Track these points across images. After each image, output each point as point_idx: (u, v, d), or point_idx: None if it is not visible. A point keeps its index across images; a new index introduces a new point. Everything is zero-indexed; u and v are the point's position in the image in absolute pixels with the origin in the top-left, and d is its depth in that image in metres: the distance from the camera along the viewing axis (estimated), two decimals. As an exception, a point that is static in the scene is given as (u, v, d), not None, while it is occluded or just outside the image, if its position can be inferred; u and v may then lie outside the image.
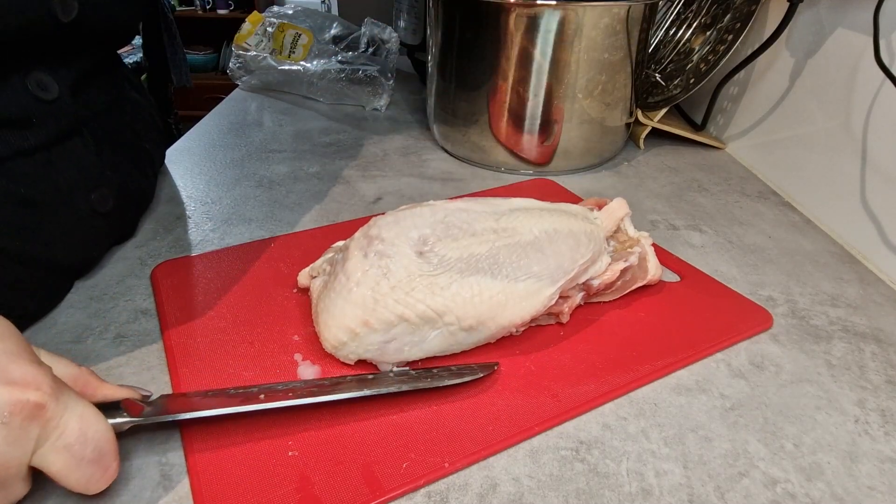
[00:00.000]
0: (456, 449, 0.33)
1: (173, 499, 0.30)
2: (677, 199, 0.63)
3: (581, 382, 0.37)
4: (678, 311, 0.44)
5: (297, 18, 0.92)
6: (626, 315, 0.44)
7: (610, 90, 0.64)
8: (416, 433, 0.33)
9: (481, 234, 0.39)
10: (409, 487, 0.31)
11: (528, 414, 0.35)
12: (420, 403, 0.35)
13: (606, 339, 0.41)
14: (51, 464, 0.25)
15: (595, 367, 0.38)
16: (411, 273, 0.36)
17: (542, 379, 0.37)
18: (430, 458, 0.32)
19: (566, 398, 0.36)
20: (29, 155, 0.40)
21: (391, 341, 0.36)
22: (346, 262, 0.37)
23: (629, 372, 0.38)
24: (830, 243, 0.55)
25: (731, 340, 0.42)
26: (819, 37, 0.61)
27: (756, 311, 0.44)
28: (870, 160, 0.53)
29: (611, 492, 0.31)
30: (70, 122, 0.43)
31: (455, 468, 0.32)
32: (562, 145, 0.66)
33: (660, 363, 0.39)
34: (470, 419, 0.34)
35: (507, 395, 0.36)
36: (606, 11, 0.59)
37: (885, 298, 0.48)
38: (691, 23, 0.78)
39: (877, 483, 0.32)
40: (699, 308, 0.44)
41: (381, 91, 0.86)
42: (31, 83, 0.40)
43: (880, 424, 0.36)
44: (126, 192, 0.50)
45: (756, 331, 0.43)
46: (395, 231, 0.38)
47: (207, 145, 0.73)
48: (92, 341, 0.40)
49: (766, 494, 0.31)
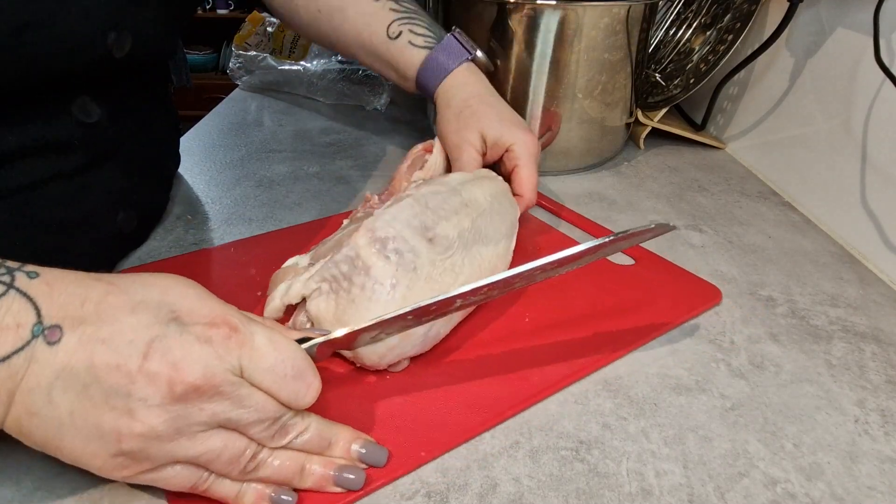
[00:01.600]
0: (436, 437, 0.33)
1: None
2: (677, 199, 0.63)
3: (549, 364, 0.39)
4: (629, 291, 0.46)
5: (297, 18, 0.92)
6: (586, 298, 0.45)
7: (610, 90, 0.64)
8: (396, 424, 0.34)
9: (459, 210, 0.41)
10: (394, 476, 0.31)
11: (502, 398, 0.36)
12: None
13: (569, 321, 0.43)
14: (260, 383, 0.27)
15: (561, 349, 0.40)
16: (433, 261, 0.37)
17: (509, 364, 0.39)
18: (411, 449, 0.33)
19: (537, 381, 0.37)
20: (68, 178, 0.40)
21: (431, 328, 0.37)
22: (371, 269, 0.36)
23: (595, 353, 0.40)
24: (830, 243, 0.55)
25: (680, 319, 0.44)
26: (819, 37, 0.61)
27: (706, 288, 0.47)
28: (870, 160, 0.53)
29: (611, 492, 0.31)
30: (107, 146, 0.43)
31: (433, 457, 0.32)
32: (562, 145, 0.66)
33: (611, 346, 0.41)
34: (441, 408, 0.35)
35: (482, 383, 0.37)
36: (606, 11, 0.59)
37: (885, 298, 0.48)
38: (691, 23, 0.78)
39: (877, 483, 0.32)
40: (651, 287, 0.47)
41: (381, 91, 0.86)
42: (75, 108, 0.40)
43: (880, 424, 0.36)
44: (148, 211, 0.50)
45: (705, 307, 0.45)
46: (398, 227, 0.38)
47: (207, 145, 0.73)
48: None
49: (766, 494, 0.31)
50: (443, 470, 0.32)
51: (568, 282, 0.46)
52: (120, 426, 0.25)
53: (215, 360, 0.26)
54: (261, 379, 0.27)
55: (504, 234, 0.44)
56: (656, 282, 0.47)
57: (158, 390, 0.25)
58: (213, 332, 0.27)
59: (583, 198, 0.62)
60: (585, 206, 0.61)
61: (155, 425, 0.25)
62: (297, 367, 0.28)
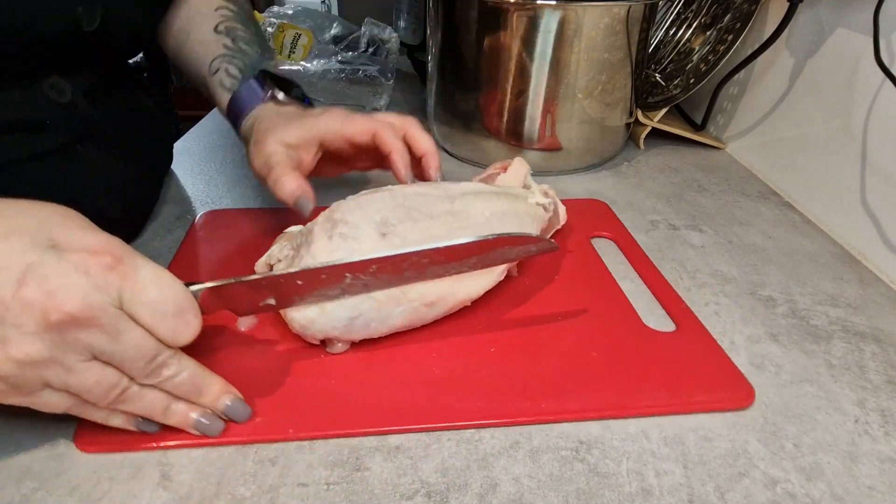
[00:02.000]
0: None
1: (173, 498, 0.30)
2: (677, 199, 0.63)
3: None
4: (653, 356, 0.40)
5: (297, 18, 0.92)
6: (611, 354, 0.40)
7: (610, 90, 0.64)
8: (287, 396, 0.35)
9: (439, 216, 0.41)
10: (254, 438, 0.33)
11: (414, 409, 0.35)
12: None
13: (568, 360, 0.39)
14: (139, 317, 0.28)
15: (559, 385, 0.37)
16: (377, 252, 0.37)
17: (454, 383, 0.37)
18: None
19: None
20: (42, 159, 0.40)
21: (358, 317, 0.37)
22: (311, 244, 0.38)
23: (586, 403, 0.36)
24: (830, 243, 0.55)
25: (698, 408, 0.36)
26: (819, 37, 0.61)
27: (739, 383, 0.38)
28: (870, 160, 0.53)
29: (611, 492, 0.31)
30: (83, 127, 0.43)
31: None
32: (562, 145, 0.66)
33: (614, 403, 0.36)
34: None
35: (409, 391, 0.37)
36: (606, 11, 0.59)
37: (885, 298, 0.48)
38: (691, 23, 0.78)
39: (877, 483, 0.32)
40: (677, 360, 0.39)
41: (381, 91, 0.86)
42: (45, 86, 0.40)
43: (880, 424, 0.36)
44: (135, 198, 0.50)
45: (728, 406, 0.36)
46: (358, 215, 0.39)
47: (207, 145, 0.73)
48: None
49: (766, 494, 0.31)
50: (443, 470, 0.32)
51: (597, 338, 0.41)
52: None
53: (93, 290, 0.26)
54: (140, 313, 0.27)
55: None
56: (685, 355, 0.40)
57: (33, 318, 0.25)
58: (94, 262, 0.26)
59: (583, 198, 0.62)
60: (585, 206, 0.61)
61: (29, 352, 0.25)
62: (178, 304, 0.29)
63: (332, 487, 0.31)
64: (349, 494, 0.31)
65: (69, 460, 0.32)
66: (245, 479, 0.31)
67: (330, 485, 0.31)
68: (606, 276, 0.48)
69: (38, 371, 0.26)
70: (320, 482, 0.31)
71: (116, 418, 0.30)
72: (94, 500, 0.30)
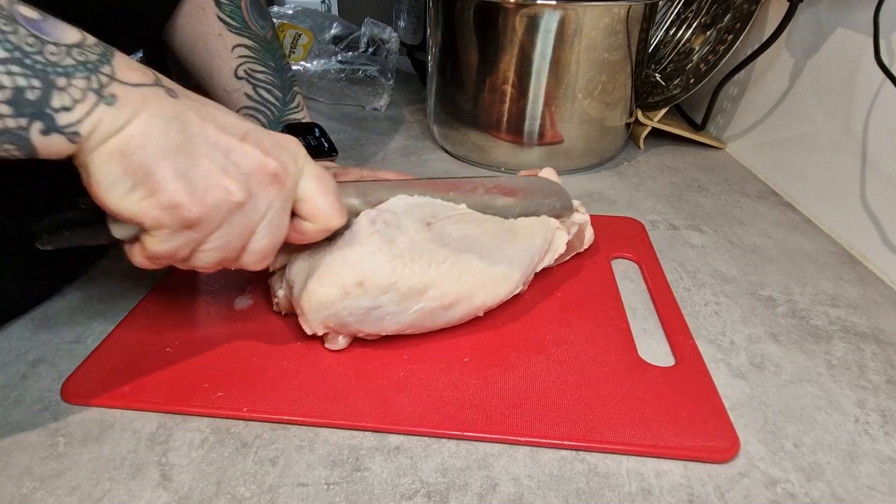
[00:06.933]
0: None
1: (173, 498, 0.30)
2: (677, 199, 0.63)
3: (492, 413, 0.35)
4: (645, 392, 0.37)
5: (297, 18, 0.92)
6: (601, 388, 0.37)
7: (610, 90, 0.64)
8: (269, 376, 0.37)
9: (475, 217, 0.42)
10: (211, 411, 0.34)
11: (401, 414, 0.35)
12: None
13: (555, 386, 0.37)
14: (304, 189, 0.33)
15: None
16: (416, 243, 0.38)
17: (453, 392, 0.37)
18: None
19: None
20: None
21: (376, 308, 0.37)
22: (353, 225, 0.37)
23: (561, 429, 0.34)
24: (830, 243, 0.55)
25: (670, 454, 0.33)
26: (819, 37, 0.61)
27: (727, 433, 0.34)
28: (870, 160, 0.53)
29: (611, 492, 0.31)
30: None
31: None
32: (562, 145, 0.66)
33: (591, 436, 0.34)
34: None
35: (403, 394, 0.37)
36: (606, 11, 0.59)
37: (885, 298, 0.48)
38: (691, 23, 0.78)
39: (877, 483, 0.32)
40: (666, 399, 0.36)
41: (381, 91, 0.86)
42: None
43: (880, 424, 0.36)
44: None
45: (705, 457, 0.33)
46: (404, 206, 0.39)
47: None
48: (91, 341, 0.40)
49: (766, 494, 0.31)
50: (443, 470, 0.32)
51: (582, 364, 0.39)
52: (210, 180, 0.29)
53: (291, 160, 0.32)
54: (308, 184, 0.33)
55: (509, 260, 0.41)
56: (672, 392, 0.37)
57: (249, 163, 0.30)
58: (293, 144, 0.33)
59: (583, 198, 0.62)
60: (586, 206, 0.61)
61: (233, 190, 0.29)
62: (335, 190, 0.34)
63: (332, 487, 0.31)
64: (349, 494, 0.31)
65: (69, 460, 0.32)
66: (245, 479, 0.31)
67: (330, 485, 0.31)
68: (614, 300, 0.45)
69: (221, 212, 0.30)
70: (320, 482, 0.31)
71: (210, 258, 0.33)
72: (94, 500, 0.30)
